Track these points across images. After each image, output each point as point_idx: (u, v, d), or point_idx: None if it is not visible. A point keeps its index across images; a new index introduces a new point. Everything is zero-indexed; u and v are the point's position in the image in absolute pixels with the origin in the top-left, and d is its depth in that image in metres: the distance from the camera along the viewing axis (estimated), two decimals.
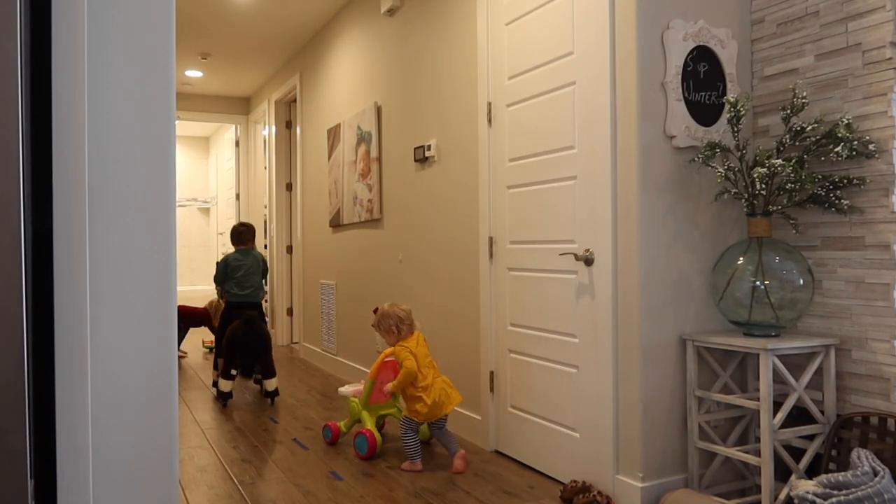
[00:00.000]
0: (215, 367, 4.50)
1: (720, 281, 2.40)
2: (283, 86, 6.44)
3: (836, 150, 2.23)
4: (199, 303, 6.29)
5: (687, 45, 2.48)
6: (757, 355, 2.57)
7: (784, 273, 2.29)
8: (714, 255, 2.56)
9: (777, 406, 2.46)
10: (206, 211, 10.52)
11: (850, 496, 1.94)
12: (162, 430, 1.19)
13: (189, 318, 5.68)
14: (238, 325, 4.01)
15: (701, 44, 2.51)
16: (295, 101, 6.47)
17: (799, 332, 2.45)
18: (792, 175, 2.28)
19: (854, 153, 2.21)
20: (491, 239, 3.18)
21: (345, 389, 3.39)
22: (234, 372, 4.03)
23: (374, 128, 4.41)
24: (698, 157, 2.45)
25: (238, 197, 8.09)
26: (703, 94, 2.52)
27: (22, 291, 0.93)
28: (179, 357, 5.58)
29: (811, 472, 2.37)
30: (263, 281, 4.18)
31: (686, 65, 2.48)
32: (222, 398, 4.09)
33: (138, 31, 1.17)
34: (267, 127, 6.97)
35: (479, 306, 3.29)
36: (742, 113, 2.37)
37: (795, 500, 2.04)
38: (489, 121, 3.18)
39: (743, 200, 2.41)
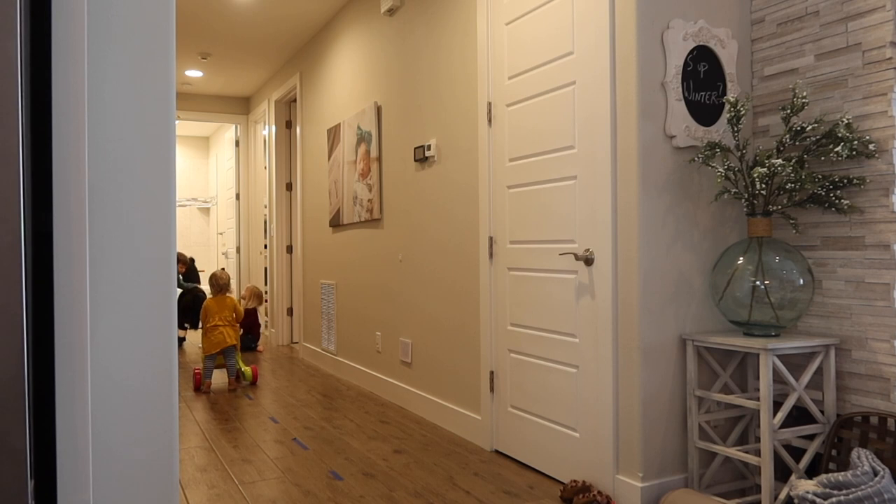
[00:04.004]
0: None
1: (720, 281, 2.40)
2: (283, 86, 6.44)
3: (836, 149, 2.23)
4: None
5: (687, 45, 2.48)
6: (757, 355, 2.57)
7: (784, 273, 2.29)
8: (714, 254, 2.56)
9: (777, 406, 2.46)
10: (206, 211, 10.52)
11: (850, 496, 1.94)
12: (162, 430, 1.19)
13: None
14: (188, 298, 6.48)
15: (701, 44, 2.51)
16: (295, 100, 6.47)
17: (799, 332, 2.45)
18: (792, 175, 2.28)
19: (854, 153, 2.21)
20: (491, 239, 3.18)
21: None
22: (186, 325, 6.55)
23: (374, 128, 4.41)
24: (698, 157, 2.45)
25: (238, 197, 8.09)
26: (703, 93, 2.52)
27: (22, 291, 0.93)
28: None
29: (811, 472, 2.37)
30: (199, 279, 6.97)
31: (686, 65, 2.48)
32: (179, 342, 6.46)
33: (138, 31, 1.17)
34: (267, 127, 6.97)
35: (478, 306, 3.29)
36: (742, 113, 2.37)
37: (795, 500, 2.05)
38: (489, 121, 3.18)
39: (743, 200, 2.41)
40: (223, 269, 7.08)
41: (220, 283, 4.76)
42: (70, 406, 1.08)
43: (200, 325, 4.82)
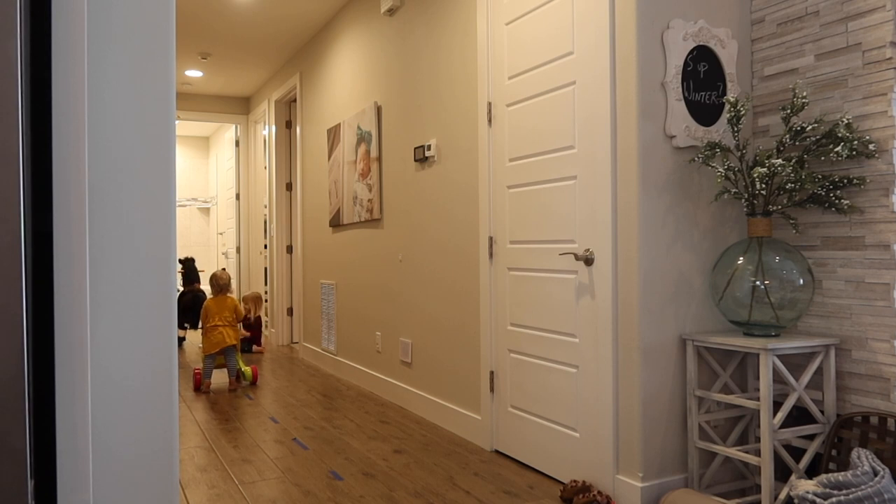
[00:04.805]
0: None
1: (720, 281, 2.40)
2: (283, 86, 6.44)
3: (836, 149, 2.23)
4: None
5: (687, 45, 2.48)
6: (757, 355, 2.57)
7: (784, 273, 2.29)
8: (714, 254, 2.56)
9: (777, 406, 2.46)
10: (206, 211, 10.52)
11: (850, 496, 1.94)
12: (162, 430, 1.19)
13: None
14: (188, 298, 6.56)
15: (701, 44, 2.51)
16: (295, 100, 6.47)
17: (799, 332, 2.45)
18: (792, 175, 2.28)
19: (854, 153, 2.21)
20: (491, 239, 3.18)
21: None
22: (186, 325, 6.61)
23: (374, 128, 4.41)
24: (698, 157, 2.45)
25: (238, 197, 8.09)
26: (703, 93, 2.52)
27: (22, 291, 0.93)
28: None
29: (811, 472, 2.37)
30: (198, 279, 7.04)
31: (686, 65, 2.48)
32: (178, 342, 6.52)
33: (138, 30, 1.17)
34: (267, 127, 6.97)
35: (478, 306, 3.29)
36: (742, 113, 2.37)
37: (795, 500, 2.05)
38: (489, 121, 3.18)
39: (743, 200, 2.41)
40: (223, 269, 7.14)
41: (220, 284, 4.79)
42: (70, 406, 1.08)
43: (200, 325, 4.84)
